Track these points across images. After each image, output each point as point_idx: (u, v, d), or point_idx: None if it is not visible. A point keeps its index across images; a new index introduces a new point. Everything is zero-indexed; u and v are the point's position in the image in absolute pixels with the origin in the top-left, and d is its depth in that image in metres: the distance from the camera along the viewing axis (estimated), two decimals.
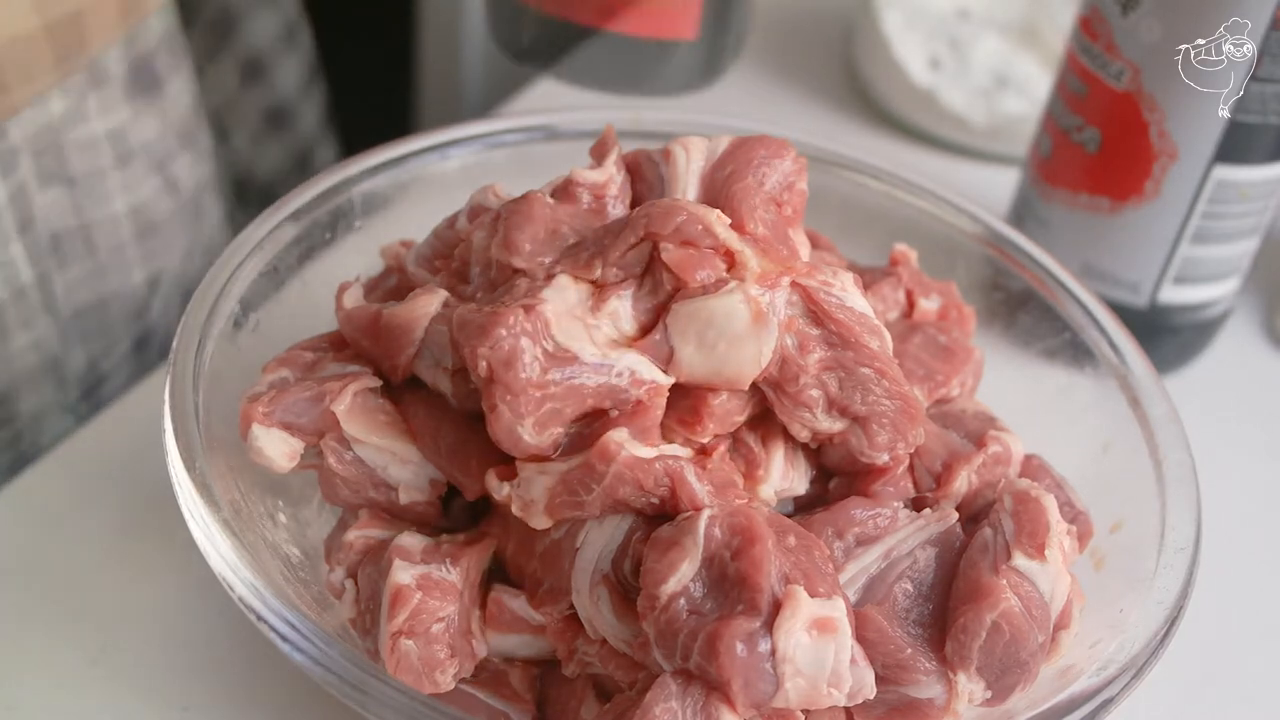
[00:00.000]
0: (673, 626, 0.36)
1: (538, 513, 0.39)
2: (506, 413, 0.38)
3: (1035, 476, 0.45)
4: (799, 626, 0.35)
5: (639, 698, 0.37)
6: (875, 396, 0.41)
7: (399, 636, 0.39)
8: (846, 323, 0.40)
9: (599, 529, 0.40)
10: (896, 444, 0.42)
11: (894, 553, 0.41)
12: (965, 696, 0.39)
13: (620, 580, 0.39)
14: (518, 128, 0.54)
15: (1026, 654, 0.39)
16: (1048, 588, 0.39)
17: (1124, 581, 0.43)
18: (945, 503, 0.43)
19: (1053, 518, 0.40)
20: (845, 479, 0.43)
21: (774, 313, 0.39)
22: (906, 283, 0.49)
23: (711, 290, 0.39)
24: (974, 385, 0.49)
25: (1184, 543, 0.43)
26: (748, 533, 0.37)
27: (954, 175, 0.76)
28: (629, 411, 0.39)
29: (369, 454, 0.42)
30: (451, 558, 0.41)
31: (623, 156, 0.45)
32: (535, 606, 0.41)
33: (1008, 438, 0.45)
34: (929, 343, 0.48)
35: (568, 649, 0.41)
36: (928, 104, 0.77)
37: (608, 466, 0.38)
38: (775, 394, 0.41)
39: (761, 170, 0.43)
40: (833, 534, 0.41)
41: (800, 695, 0.36)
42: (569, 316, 0.39)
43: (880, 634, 0.39)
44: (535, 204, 0.42)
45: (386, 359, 0.43)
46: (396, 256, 0.49)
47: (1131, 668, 0.39)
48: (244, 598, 0.37)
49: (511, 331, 0.37)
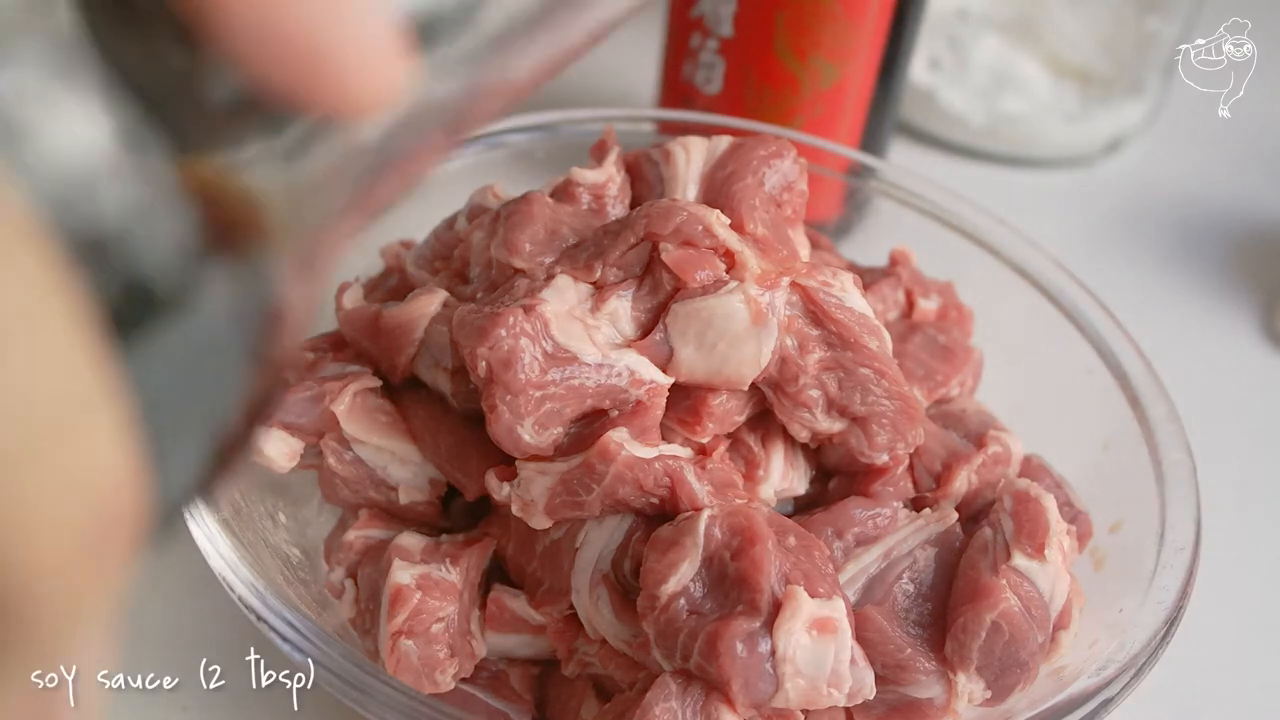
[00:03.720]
0: (673, 626, 0.36)
1: (537, 513, 0.39)
2: (506, 413, 0.37)
3: (1035, 476, 0.45)
4: (799, 627, 0.35)
5: (639, 698, 0.37)
6: (875, 397, 0.41)
7: (399, 636, 0.39)
8: (846, 323, 0.40)
9: (599, 529, 0.40)
10: (896, 444, 0.42)
11: (894, 553, 0.41)
12: (965, 696, 0.39)
13: (620, 580, 0.39)
14: (518, 128, 0.54)
15: (1026, 654, 0.39)
16: (1047, 588, 0.39)
17: (1124, 581, 0.43)
18: (945, 503, 0.43)
19: (1052, 518, 0.40)
20: (845, 479, 0.43)
21: (774, 313, 0.39)
22: (906, 283, 0.49)
23: (711, 290, 0.39)
24: (974, 385, 0.49)
25: (1183, 542, 0.43)
26: (748, 533, 0.37)
27: (953, 174, 0.76)
28: (629, 412, 0.39)
29: (369, 454, 0.42)
30: (451, 558, 0.41)
31: (623, 156, 0.45)
32: (535, 606, 0.41)
33: (1008, 438, 0.45)
34: (929, 343, 0.48)
35: (568, 649, 0.41)
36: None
37: (607, 466, 0.38)
38: (775, 394, 0.41)
39: (761, 170, 0.43)
40: (833, 534, 0.41)
41: (800, 695, 0.36)
42: (569, 317, 0.39)
43: (880, 634, 0.39)
44: (535, 204, 0.42)
45: (386, 359, 0.43)
46: (396, 256, 0.49)
47: (1131, 668, 0.39)
48: (244, 598, 0.37)
49: (511, 332, 0.37)
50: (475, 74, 0.19)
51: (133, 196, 0.14)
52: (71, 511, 0.13)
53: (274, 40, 0.15)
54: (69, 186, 0.13)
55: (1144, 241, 0.75)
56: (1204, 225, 0.76)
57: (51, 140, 0.13)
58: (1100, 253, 0.73)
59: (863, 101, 0.62)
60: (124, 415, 0.14)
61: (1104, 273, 0.64)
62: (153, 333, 0.14)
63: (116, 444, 0.14)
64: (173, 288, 0.14)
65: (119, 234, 0.14)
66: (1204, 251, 0.74)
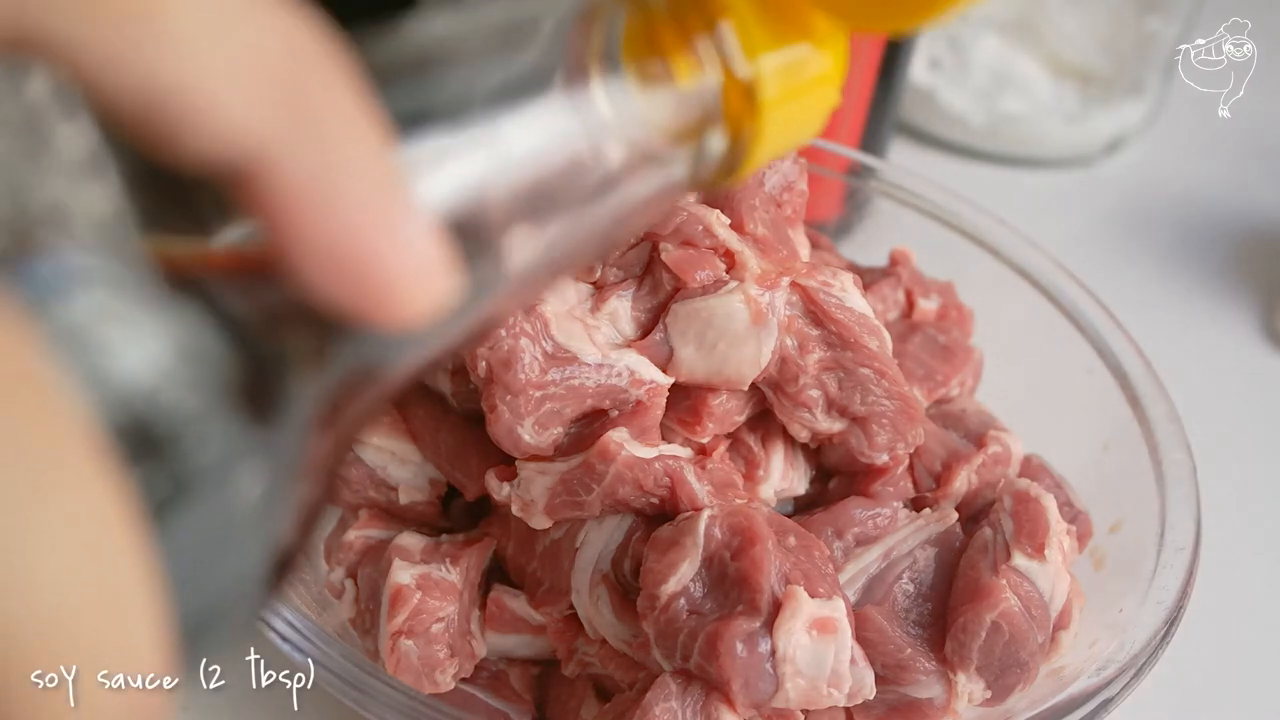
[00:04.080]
0: (673, 626, 0.36)
1: (537, 513, 0.39)
2: (506, 413, 0.37)
3: (1035, 476, 0.45)
4: (799, 627, 0.35)
5: (639, 698, 0.37)
6: (875, 397, 0.41)
7: (399, 636, 0.39)
8: (846, 323, 0.40)
9: (599, 529, 0.39)
10: (896, 444, 0.42)
11: (894, 553, 0.41)
12: (965, 696, 0.39)
13: (620, 580, 0.39)
14: None
15: (1026, 654, 0.39)
16: (1047, 588, 0.39)
17: (1124, 581, 0.43)
18: (945, 503, 0.43)
19: (1052, 518, 0.40)
20: (845, 479, 0.43)
21: (773, 313, 0.39)
22: (906, 283, 0.49)
23: (711, 290, 0.39)
24: (974, 385, 0.49)
25: (1183, 542, 0.43)
26: (748, 533, 0.37)
27: (953, 174, 0.76)
28: (629, 412, 0.39)
29: (369, 454, 0.42)
30: (451, 558, 0.41)
31: None
32: (535, 606, 0.41)
33: (1008, 438, 0.45)
34: (929, 343, 0.48)
35: (568, 649, 0.41)
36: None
37: (607, 466, 0.38)
38: (775, 394, 0.41)
39: (761, 170, 0.43)
40: (833, 534, 0.41)
41: (800, 695, 0.36)
42: (569, 317, 0.39)
43: (880, 634, 0.39)
44: None
45: None
46: None
47: (1131, 668, 0.39)
48: None
49: (511, 332, 0.37)
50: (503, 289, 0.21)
51: (187, 402, 0.15)
52: (110, 708, 0.14)
53: (332, 258, 0.17)
54: (131, 398, 0.15)
55: (1144, 241, 0.75)
56: (1204, 225, 0.76)
57: (120, 356, 0.15)
58: (1100, 253, 0.73)
59: (863, 101, 0.62)
60: (161, 609, 0.14)
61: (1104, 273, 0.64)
62: (187, 516, 0.15)
63: (155, 638, 0.14)
64: (212, 478, 0.16)
65: (173, 437, 0.15)
66: (1204, 251, 0.74)
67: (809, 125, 0.25)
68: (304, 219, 0.17)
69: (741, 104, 0.23)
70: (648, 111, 0.22)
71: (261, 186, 0.16)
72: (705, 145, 0.23)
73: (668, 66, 0.23)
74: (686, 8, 0.23)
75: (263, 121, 0.16)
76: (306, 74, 0.17)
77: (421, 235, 0.17)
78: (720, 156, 0.24)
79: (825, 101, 0.25)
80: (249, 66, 0.16)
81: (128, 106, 0.16)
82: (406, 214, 0.17)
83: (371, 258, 0.17)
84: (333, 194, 0.17)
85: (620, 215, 0.23)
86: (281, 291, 0.17)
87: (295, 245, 0.17)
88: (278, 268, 0.17)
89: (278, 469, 0.17)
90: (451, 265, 0.18)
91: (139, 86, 0.15)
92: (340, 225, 0.17)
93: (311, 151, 0.17)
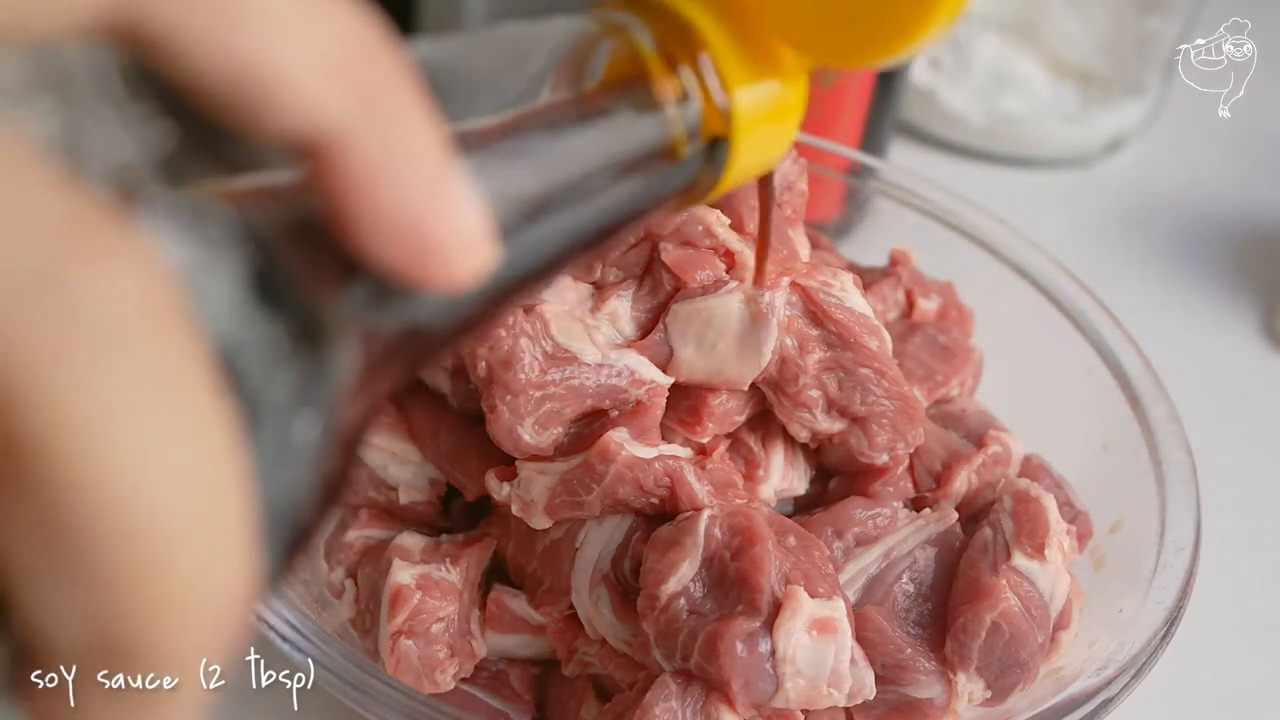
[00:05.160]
0: (673, 626, 0.36)
1: (537, 513, 0.39)
2: (506, 413, 0.37)
3: (1035, 476, 0.45)
4: (799, 627, 0.35)
5: (639, 698, 0.37)
6: (875, 397, 0.41)
7: (399, 636, 0.39)
8: (846, 323, 0.40)
9: (599, 529, 0.40)
10: (896, 444, 0.42)
11: (894, 553, 0.41)
12: (965, 696, 0.39)
13: (620, 580, 0.39)
14: None
15: (1026, 654, 0.39)
16: (1047, 587, 0.39)
17: (1124, 581, 0.43)
18: (945, 503, 0.43)
19: (1052, 518, 0.40)
20: (845, 479, 0.43)
21: (774, 313, 0.39)
22: (906, 283, 0.49)
23: (711, 290, 0.39)
24: (974, 385, 0.49)
25: (1183, 542, 0.43)
26: (748, 533, 0.37)
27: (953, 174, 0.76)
28: (629, 412, 0.39)
29: (369, 454, 0.42)
30: (451, 558, 0.41)
31: None
32: (535, 606, 0.41)
33: (1008, 438, 0.45)
34: (929, 343, 0.48)
35: (568, 649, 0.41)
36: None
37: (607, 466, 0.38)
38: (775, 394, 0.41)
39: None
40: (833, 534, 0.41)
41: (800, 695, 0.36)
42: (569, 317, 0.39)
43: (880, 634, 0.39)
44: None
45: None
46: None
47: (1131, 668, 0.39)
48: None
49: (511, 332, 0.37)
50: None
51: (270, 335, 0.17)
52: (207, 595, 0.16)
53: (395, 225, 0.19)
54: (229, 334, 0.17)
55: (1144, 241, 0.75)
56: (1204, 225, 0.76)
57: (217, 297, 0.17)
58: (1100, 253, 0.73)
59: (863, 101, 0.62)
60: (250, 515, 0.16)
61: (1104, 273, 0.64)
62: (265, 437, 0.17)
63: (246, 539, 0.16)
64: (288, 400, 0.18)
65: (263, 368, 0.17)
66: (1204, 251, 0.74)
67: (775, 150, 0.28)
68: (371, 191, 0.18)
69: (719, 127, 0.26)
70: (629, 131, 0.25)
71: (333, 160, 0.18)
72: (682, 164, 0.26)
73: (651, 91, 0.25)
74: (670, 40, 0.26)
75: (338, 102, 0.18)
76: (373, 61, 0.18)
77: (471, 208, 0.19)
78: (696, 175, 0.26)
79: (788, 130, 0.28)
80: (328, 53, 0.18)
81: (219, 84, 0.17)
82: (458, 188, 0.19)
83: (430, 225, 0.19)
84: (396, 170, 0.18)
85: (602, 226, 0.25)
86: (338, 254, 0.19)
87: (360, 213, 0.18)
88: (337, 233, 0.19)
89: (325, 420, 0.18)
90: (493, 237, 0.20)
91: (231, 65, 0.17)
92: (404, 196, 0.19)
93: (379, 131, 0.18)
